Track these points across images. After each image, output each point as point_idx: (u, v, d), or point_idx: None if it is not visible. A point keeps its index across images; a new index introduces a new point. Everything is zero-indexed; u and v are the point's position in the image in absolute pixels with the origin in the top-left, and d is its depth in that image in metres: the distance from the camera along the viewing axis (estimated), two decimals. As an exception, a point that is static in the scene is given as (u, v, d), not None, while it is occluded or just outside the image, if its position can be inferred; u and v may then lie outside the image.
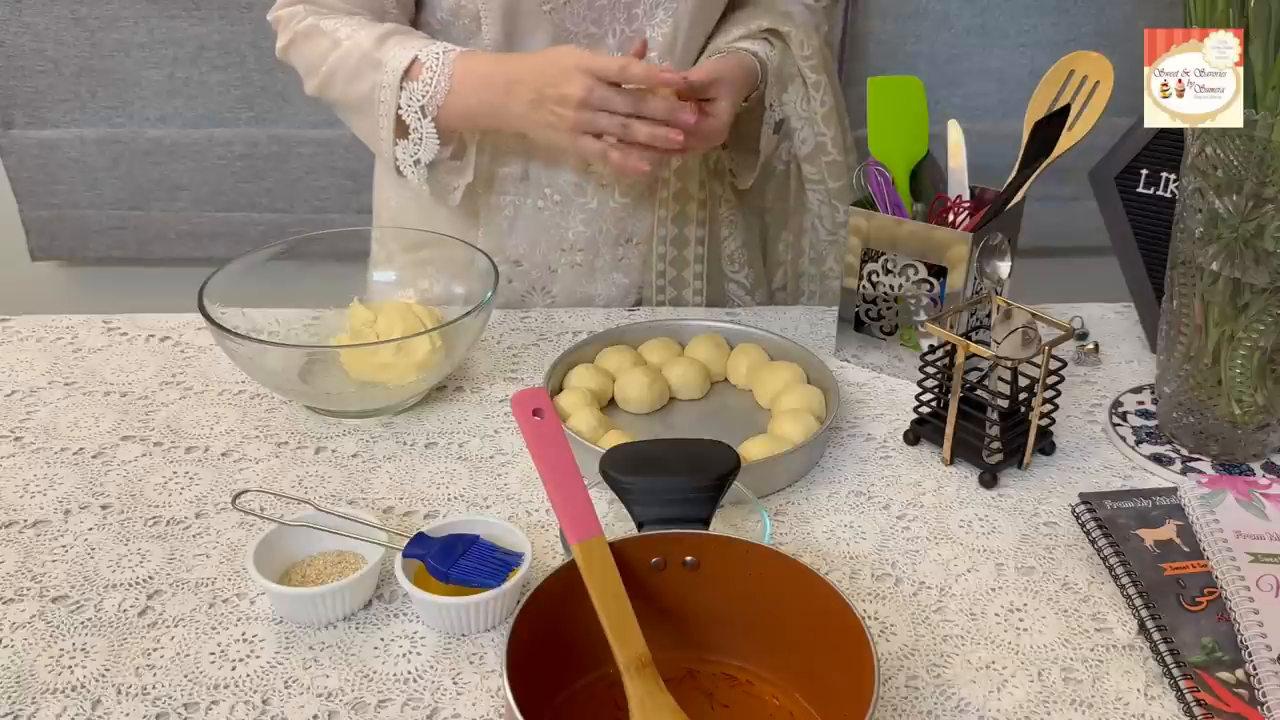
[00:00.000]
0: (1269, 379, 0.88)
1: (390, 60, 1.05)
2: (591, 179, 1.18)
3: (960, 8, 1.75)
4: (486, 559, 0.76)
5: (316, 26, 1.08)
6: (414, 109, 1.06)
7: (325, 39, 1.07)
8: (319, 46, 1.08)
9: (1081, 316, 1.14)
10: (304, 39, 1.09)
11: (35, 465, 0.92)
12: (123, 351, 1.09)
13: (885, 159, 1.03)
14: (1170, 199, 1.05)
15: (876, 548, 0.84)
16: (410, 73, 1.05)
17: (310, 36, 1.08)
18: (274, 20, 1.12)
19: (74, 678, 0.71)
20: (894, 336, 1.05)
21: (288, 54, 1.12)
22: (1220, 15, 0.80)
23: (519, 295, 1.23)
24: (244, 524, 0.85)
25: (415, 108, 1.06)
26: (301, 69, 1.11)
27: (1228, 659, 0.71)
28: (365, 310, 1.03)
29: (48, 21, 1.76)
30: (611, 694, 0.65)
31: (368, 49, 1.06)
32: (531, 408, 0.70)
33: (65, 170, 1.88)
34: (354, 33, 1.06)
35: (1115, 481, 0.91)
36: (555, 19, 1.08)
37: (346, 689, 0.70)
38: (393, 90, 1.05)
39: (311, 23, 1.08)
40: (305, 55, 1.09)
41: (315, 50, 1.08)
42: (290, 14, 1.10)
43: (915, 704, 0.70)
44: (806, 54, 1.14)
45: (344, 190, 1.89)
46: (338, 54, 1.06)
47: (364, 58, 1.06)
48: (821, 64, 1.15)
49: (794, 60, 1.14)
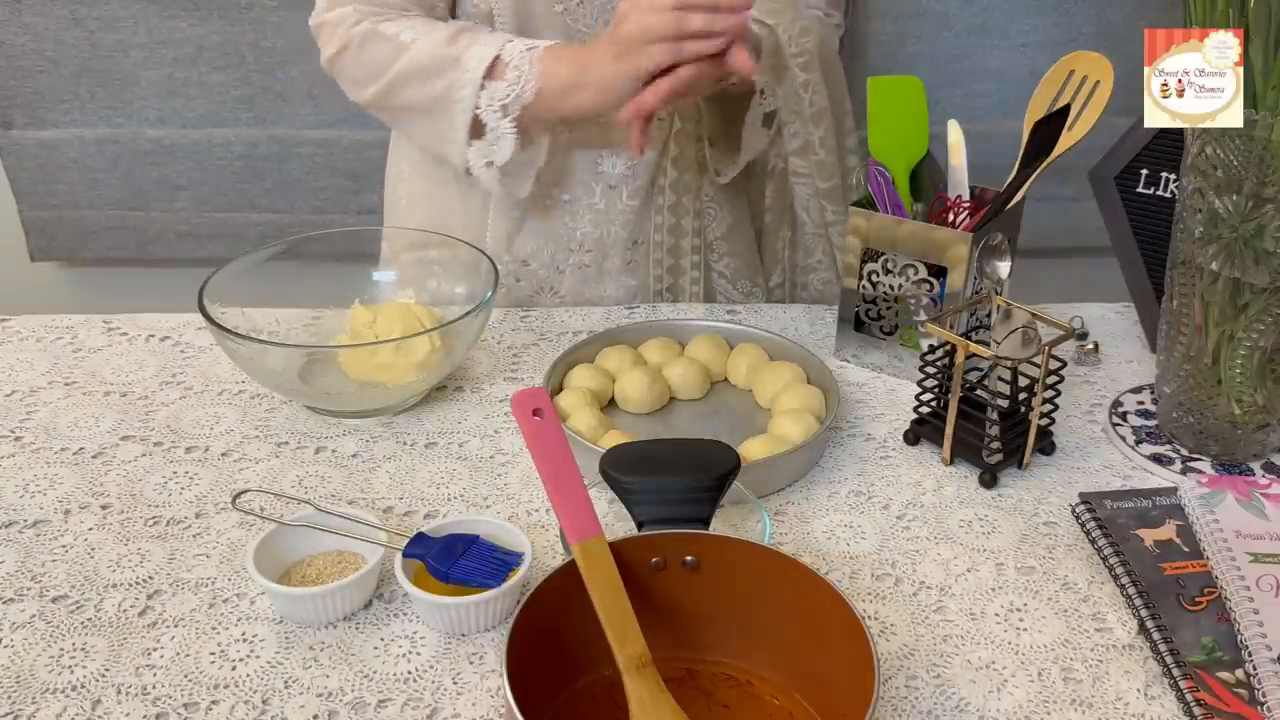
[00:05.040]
0: (1269, 379, 0.88)
1: (470, 59, 1.02)
2: (600, 179, 1.18)
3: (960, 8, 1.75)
4: (486, 559, 0.76)
5: (375, 31, 1.05)
6: (494, 108, 1.03)
7: (388, 44, 1.04)
8: (381, 52, 1.05)
9: (1081, 316, 1.14)
10: (361, 45, 1.06)
11: (35, 465, 0.92)
12: (123, 351, 1.09)
13: (885, 159, 1.03)
14: (1170, 199, 1.05)
15: (876, 548, 0.84)
16: (493, 71, 1.03)
17: (370, 42, 1.05)
18: (318, 26, 1.09)
19: (74, 678, 0.71)
20: (894, 336, 1.05)
21: (339, 62, 1.08)
22: (1220, 15, 0.80)
23: (527, 295, 1.23)
24: (244, 524, 0.85)
25: (496, 107, 1.03)
26: (357, 76, 1.08)
27: (1228, 659, 0.71)
28: (365, 311, 1.03)
29: (47, 21, 1.76)
30: (611, 694, 0.65)
31: (441, 48, 1.03)
32: (531, 408, 0.70)
33: (65, 170, 1.87)
34: (418, 35, 1.04)
35: (1115, 481, 0.91)
36: (567, 20, 1.08)
37: (346, 689, 0.70)
38: (473, 89, 1.03)
39: (368, 28, 1.05)
40: (364, 62, 1.06)
41: (378, 56, 1.05)
42: (340, 16, 1.06)
43: (915, 704, 0.70)
44: (796, 51, 1.12)
45: (344, 190, 1.89)
46: (407, 57, 1.03)
47: (438, 57, 1.03)
48: (815, 64, 1.14)
49: (784, 55, 1.13)
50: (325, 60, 1.09)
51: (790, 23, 1.12)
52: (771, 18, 1.11)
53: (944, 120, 1.05)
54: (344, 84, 1.11)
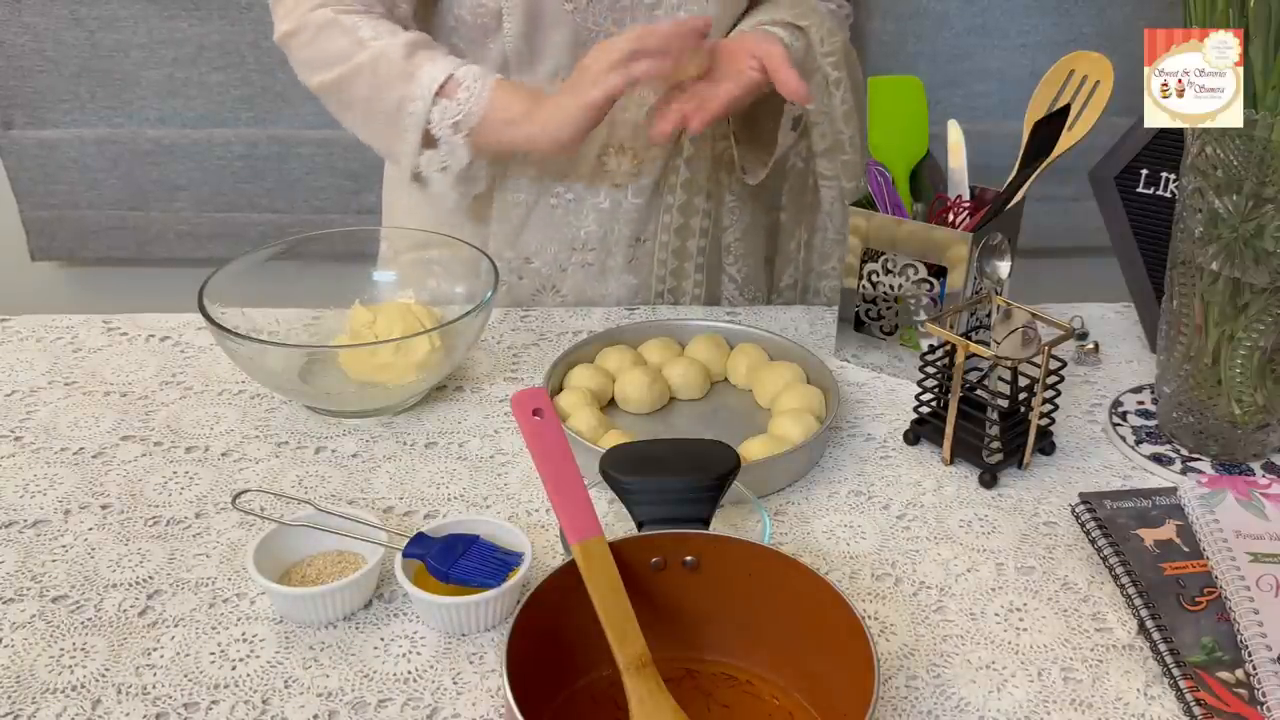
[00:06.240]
0: (1269, 379, 0.88)
1: (423, 75, 1.03)
2: (605, 178, 1.18)
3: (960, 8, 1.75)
4: (486, 559, 0.76)
5: (335, 21, 1.05)
6: (446, 124, 1.04)
7: (345, 37, 1.04)
8: (337, 43, 1.04)
9: (1081, 316, 1.14)
10: (318, 31, 1.05)
11: (35, 465, 0.92)
12: (123, 351, 1.09)
13: (885, 159, 1.03)
14: (1170, 199, 1.05)
15: (876, 548, 0.84)
16: (444, 89, 1.03)
17: (327, 30, 1.05)
18: (275, 1, 1.08)
19: (74, 678, 0.71)
20: (894, 336, 1.05)
21: (290, 43, 1.08)
22: (1220, 15, 0.80)
23: (529, 294, 1.23)
24: (244, 524, 0.85)
25: (449, 123, 1.04)
26: (308, 60, 1.07)
27: (1228, 659, 0.71)
28: (365, 311, 1.03)
29: (48, 21, 1.76)
30: (611, 694, 0.65)
31: (397, 58, 1.03)
32: (531, 408, 0.70)
33: (65, 170, 1.87)
34: (378, 36, 1.04)
35: (1115, 481, 0.91)
36: (577, 18, 1.08)
37: (346, 689, 0.70)
38: (425, 104, 1.03)
39: (328, 15, 1.05)
40: (318, 48, 1.06)
41: (332, 46, 1.05)
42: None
43: (915, 704, 0.70)
44: (827, 50, 1.13)
45: (344, 190, 1.89)
46: (364, 56, 1.03)
47: (393, 67, 1.03)
48: (843, 61, 1.14)
49: (815, 55, 1.13)
50: (277, 36, 1.09)
51: (819, 24, 1.13)
52: (803, 19, 1.12)
53: (944, 120, 1.05)
54: (294, 63, 1.10)
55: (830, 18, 1.16)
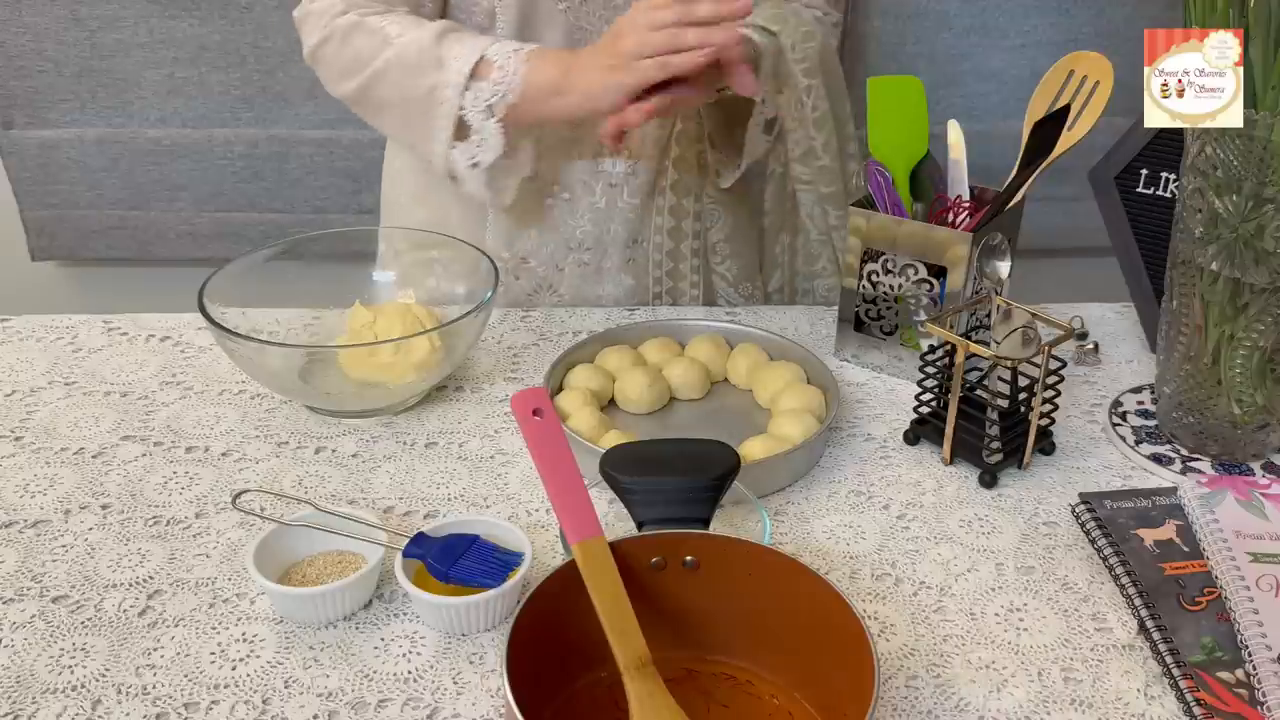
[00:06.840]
0: (1269, 379, 0.88)
1: (455, 59, 1.01)
2: (601, 177, 1.18)
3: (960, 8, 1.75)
4: (486, 559, 0.76)
5: (361, 23, 1.04)
6: (480, 108, 1.02)
7: (373, 37, 1.03)
8: (366, 44, 1.03)
9: (1081, 316, 1.14)
10: (345, 36, 1.04)
11: (35, 465, 0.92)
12: (123, 351, 1.09)
13: (885, 159, 1.03)
14: (1170, 199, 1.05)
15: (876, 547, 0.84)
16: (478, 71, 1.02)
17: (354, 33, 1.04)
18: (303, 17, 1.07)
19: (74, 678, 0.71)
20: (894, 336, 1.05)
21: (321, 53, 1.07)
22: (1220, 15, 0.80)
23: (526, 294, 1.23)
24: (244, 524, 0.85)
25: (481, 107, 1.02)
26: (338, 68, 1.07)
27: (1228, 659, 0.71)
28: (365, 312, 1.03)
29: (48, 21, 1.76)
30: (611, 694, 0.65)
31: (426, 46, 1.01)
32: (531, 408, 0.70)
33: (65, 170, 1.87)
34: (405, 30, 1.03)
35: (1115, 481, 0.91)
36: (570, 17, 1.08)
37: (346, 689, 0.71)
38: (458, 89, 1.01)
39: (354, 19, 1.04)
40: (347, 54, 1.05)
41: (362, 48, 1.04)
42: (325, 6, 1.05)
43: (915, 704, 0.70)
44: (799, 55, 1.12)
45: (344, 190, 1.89)
46: (392, 51, 1.02)
47: (423, 55, 1.01)
48: (817, 68, 1.14)
49: (786, 60, 1.13)
50: (307, 52, 1.08)
51: (793, 28, 1.12)
52: (774, 24, 1.11)
53: (944, 120, 1.05)
54: (324, 76, 1.10)
55: (815, 24, 1.15)
